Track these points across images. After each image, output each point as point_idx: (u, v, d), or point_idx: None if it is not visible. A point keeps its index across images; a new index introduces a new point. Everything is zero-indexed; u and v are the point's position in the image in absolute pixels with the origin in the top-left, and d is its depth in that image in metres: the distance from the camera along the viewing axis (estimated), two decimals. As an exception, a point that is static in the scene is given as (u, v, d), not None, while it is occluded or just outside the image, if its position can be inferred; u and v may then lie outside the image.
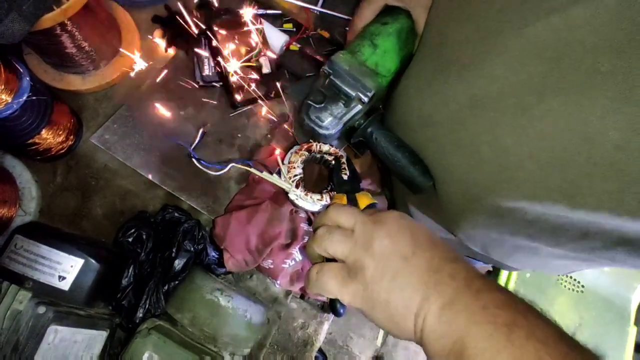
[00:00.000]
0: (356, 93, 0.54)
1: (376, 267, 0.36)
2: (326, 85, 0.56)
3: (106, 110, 0.67)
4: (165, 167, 0.65)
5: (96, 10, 0.60)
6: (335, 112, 0.57)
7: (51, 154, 0.62)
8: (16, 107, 0.52)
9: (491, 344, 0.30)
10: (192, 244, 0.57)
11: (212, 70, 0.71)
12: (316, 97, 0.57)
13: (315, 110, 0.57)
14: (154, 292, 0.53)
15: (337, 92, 0.56)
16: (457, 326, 0.32)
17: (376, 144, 0.58)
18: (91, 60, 0.64)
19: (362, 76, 0.54)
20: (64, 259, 0.48)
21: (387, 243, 0.37)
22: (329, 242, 0.40)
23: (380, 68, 0.58)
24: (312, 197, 0.61)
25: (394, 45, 0.59)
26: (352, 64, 0.55)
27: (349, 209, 0.42)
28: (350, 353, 1.61)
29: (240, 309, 0.54)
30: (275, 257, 0.59)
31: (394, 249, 0.37)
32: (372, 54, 0.57)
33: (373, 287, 0.36)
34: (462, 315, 0.32)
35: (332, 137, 0.59)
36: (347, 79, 0.54)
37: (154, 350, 0.48)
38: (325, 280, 0.39)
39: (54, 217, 0.62)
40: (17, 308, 0.45)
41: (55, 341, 0.45)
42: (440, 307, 0.33)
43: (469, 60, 0.45)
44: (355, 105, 0.56)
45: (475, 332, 0.31)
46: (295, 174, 0.63)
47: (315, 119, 0.57)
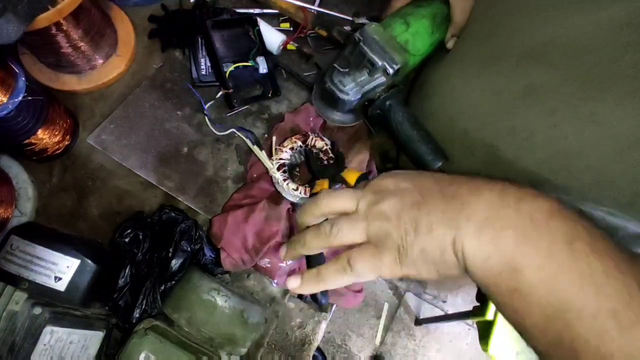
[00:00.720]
0: (382, 63, 0.55)
1: (396, 228, 0.34)
2: (354, 52, 0.57)
3: (102, 110, 0.67)
4: (162, 168, 0.65)
5: (92, 10, 0.60)
6: (358, 79, 0.57)
7: (47, 154, 0.62)
8: (12, 108, 0.52)
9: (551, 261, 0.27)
10: (188, 244, 0.57)
11: (209, 70, 0.71)
12: (342, 62, 0.58)
13: (339, 74, 0.58)
14: (150, 292, 0.53)
15: (364, 59, 0.56)
16: (504, 245, 0.29)
17: (392, 117, 0.57)
18: (87, 60, 0.64)
19: (390, 48, 0.55)
20: (60, 259, 0.48)
21: (394, 201, 0.35)
22: (341, 234, 0.36)
23: (410, 46, 0.58)
24: (288, 185, 0.62)
25: (426, 28, 0.60)
26: (382, 36, 0.55)
27: (340, 192, 0.39)
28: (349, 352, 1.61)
29: (238, 309, 0.54)
30: (272, 256, 0.59)
31: (403, 202, 0.34)
32: (404, 32, 0.58)
33: (404, 248, 0.33)
34: (506, 232, 0.29)
35: (349, 104, 0.60)
36: (375, 48, 0.55)
37: (150, 351, 0.48)
38: (361, 266, 0.35)
39: (51, 218, 0.62)
40: (13, 309, 0.45)
41: (52, 342, 0.45)
42: (476, 228, 0.30)
43: (526, 50, 0.44)
44: (379, 76, 0.57)
45: (530, 251, 0.28)
46: (281, 157, 0.64)
47: (338, 83, 0.58)
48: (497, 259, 0.29)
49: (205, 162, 0.67)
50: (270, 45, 0.72)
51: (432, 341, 1.68)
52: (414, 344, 1.66)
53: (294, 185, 0.63)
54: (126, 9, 0.70)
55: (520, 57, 0.45)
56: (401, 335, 1.67)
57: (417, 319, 1.68)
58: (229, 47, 0.71)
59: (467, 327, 1.71)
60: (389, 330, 1.67)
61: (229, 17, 0.71)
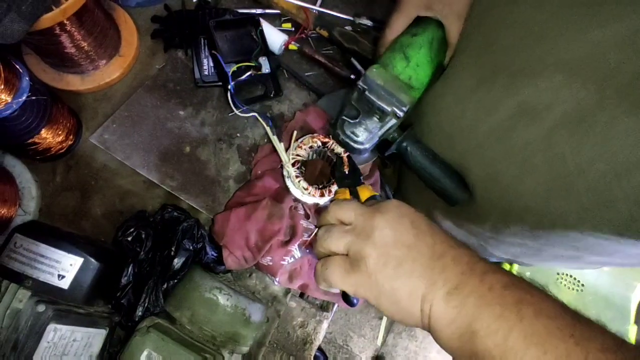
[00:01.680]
0: (392, 108, 0.54)
1: (378, 256, 0.36)
2: (360, 100, 0.56)
3: (105, 110, 0.67)
4: (164, 167, 0.65)
5: (95, 10, 0.60)
6: (370, 127, 0.57)
7: (51, 153, 0.62)
8: (16, 107, 0.52)
9: (502, 324, 0.30)
10: (191, 243, 0.57)
11: (211, 70, 0.71)
12: (350, 112, 0.57)
13: (350, 125, 0.57)
14: (153, 290, 0.53)
15: (372, 107, 0.55)
16: (466, 310, 0.32)
17: (411, 158, 0.58)
18: (90, 60, 0.65)
19: (396, 91, 0.54)
20: (63, 257, 0.48)
21: (388, 232, 0.37)
22: (329, 239, 0.40)
23: (414, 81, 0.57)
24: (300, 183, 0.62)
25: (426, 57, 0.58)
26: (386, 79, 0.54)
27: (347, 203, 0.42)
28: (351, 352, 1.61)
29: (239, 307, 0.54)
30: (274, 254, 0.60)
31: (396, 237, 0.37)
32: (406, 67, 0.57)
33: (377, 276, 0.36)
34: (470, 299, 0.32)
35: (366, 151, 0.60)
36: (381, 94, 0.54)
37: (152, 349, 0.48)
38: (330, 273, 0.39)
39: (54, 217, 0.62)
40: (17, 307, 0.45)
41: (55, 339, 0.45)
42: (447, 293, 0.33)
43: (519, 68, 0.44)
44: (390, 119, 0.56)
45: (485, 314, 0.31)
46: (299, 153, 0.64)
47: (351, 134, 0.57)
48: (459, 322, 0.32)
49: (207, 161, 0.67)
50: (272, 46, 0.72)
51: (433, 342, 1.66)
52: (415, 345, 1.66)
53: (305, 184, 0.62)
54: (129, 9, 0.71)
55: (513, 75, 0.45)
56: (402, 336, 1.67)
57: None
58: (232, 47, 0.71)
59: (469, 328, 1.71)
60: (390, 331, 1.67)
61: (232, 17, 0.72)
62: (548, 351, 0.28)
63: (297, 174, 0.63)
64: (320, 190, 0.63)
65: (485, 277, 0.33)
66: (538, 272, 1.19)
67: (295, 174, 0.63)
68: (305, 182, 0.63)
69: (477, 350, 0.31)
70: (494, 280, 0.33)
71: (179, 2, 0.74)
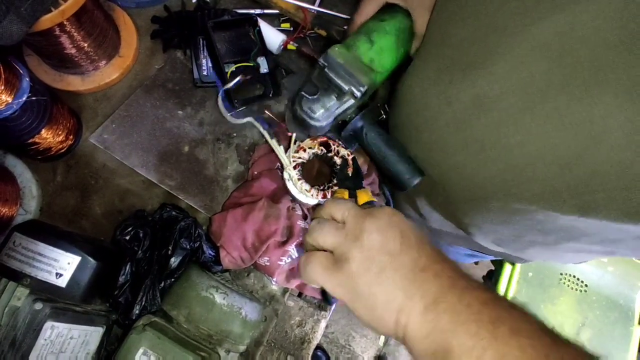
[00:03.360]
0: (349, 87, 0.54)
1: (362, 259, 0.36)
2: (320, 77, 0.56)
3: (105, 110, 0.68)
4: (163, 167, 0.66)
5: (94, 11, 0.61)
6: (328, 105, 0.57)
7: (51, 153, 0.63)
8: (16, 108, 0.53)
9: (476, 342, 0.30)
10: (188, 242, 0.57)
11: (210, 70, 0.71)
12: (309, 89, 0.57)
13: (308, 101, 0.57)
14: (150, 289, 0.54)
15: (330, 84, 0.56)
16: (442, 326, 0.32)
17: (366, 139, 0.58)
18: (90, 60, 0.65)
19: (356, 71, 0.54)
20: (61, 256, 0.49)
21: (376, 237, 0.37)
22: (319, 233, 0.40)
23: (376, 64, 0.57)
24: (302, 186, 0.62)
25: (391, 43, 0.59)
26: (347, 58, 0.55)
27: (343, 202, 0.42)
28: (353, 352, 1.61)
29: (236, 306, 0.54)
30: (272, 255, 0.60)
31: (382, 244, 0.37)
32: (368, 50, 0.57)
33: (357, 280, 0.36)
34: (446, 314, 0.32)
35: (322, 129, 0.60)
36: (341, 73, 0.54)
37: (148, 347, 0.48)
38: (311, 267, 0.39)
39: (54, 216, 0.63)
40: (15, 305, 0.46)
41: (52, 337, 0.46)
42: (424, 307, 0.34)
43: (472, 60, 0.45)
44: (348, 99, 0.56)
45: (461, 331, 0.31)
46: (301, 156, 0.64)
47: (308, 110, 0.57)
48: (434, 337, 0.32)
49: (205, 161, 0.68)
50: (271, 45, 0.73)
51: (436, 342, 1.67)
52: (418, 345, 1.66)
53: (307, 186, 0.62)
54: (129, 10, 0.72)
55: (468, 67, 0.45)
56: (405, 336, 1.67)
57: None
58: (230, 47, 0.72)
59: (472, 329, 1.70)
60: (392, 331, 1.67)
61: (230, 18, 0.72)
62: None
63: (299, 177, 0.63)
64: (323, 192, 0.63)
65: (464, 294, 0.33)
66: (541, 272, 1.19)
67: (297, 176, 0.63)
68: (307, 185, 0.63)
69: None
70: (473, 297, 0.33)
71: (178, 3, 0.75)
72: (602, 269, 1.19)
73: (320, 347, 1.59)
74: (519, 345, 0.29)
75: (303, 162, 0.65)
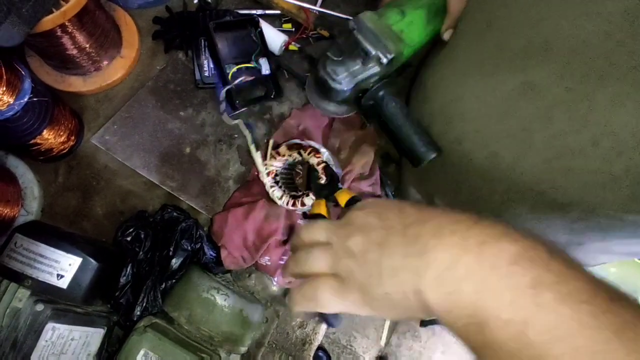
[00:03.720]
0: (376, 52, 0.54)
1: (361, 266, 0.33)
2: (347, 41, 0.56)
3: (107, 111, 0.68)
4: (164, 168, 0.66)
5: (96, 12, 0.61)
6: (352, 68, 0.56)
7: (53, 154, 0.63)
8: (18, 109, 0.53)
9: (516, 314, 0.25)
10: (189, 243, 0.57)
11: (212, 71, 0.71)
12: (335, 52, 0.57)
13: (332, 63, 0.56)
14: (151, 290, 0.54)
15: (357, 48, 0.55)
16: (466, 297, 0.27)
17: (385, 108, 0.57)
18: (92, 61, 0.65)
19: (385, 38, 0.54)
20: (63, 257, 0.49)
21: (360, 239, 0.34)
22: (311, 261, 0.37)
23: (405, 36, 0.57)
24: (273, 192, 0.62)
25: (422, 18, 0.59)
26: (377, 25, 0.54)
27: (317, 224, 0.39)
28: (354, 353, 1.61)
29: (237, 308, 0.54)
30: (272, 254, 0.60)
31: (367, 240, 0.34)
32: (399, 21, 0.57)
33: (368, 288, 0.33)
34: (468, 283, 0.27)
35: (342, 94, 0.59)
36: (369, 37, 0.54)
37: (149, 348, 0.48)
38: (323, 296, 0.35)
39: (56, 217, 0.63)
40: (17, 306, 0.46)
41: (53, 338, 0.46)
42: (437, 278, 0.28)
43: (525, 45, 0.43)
44: (373, 65, 0.56)
45: (492, 300, 0.26)
46: (273, 164, 0.64)
47: (331, 72, 0.56)
48: (460, 312, 0.27)
49: (207, 162, 0.68)
50: (273, 46, 0.73)
51: (437, 343, 1.67)
52: (419, 346, 1.65)
53: (279, 193, 0.62)
54: (130, 11, 0.72)
55: (516, 54, 0.44)
56: (406, 337, 1.66)
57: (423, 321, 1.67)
58: (232, 48, 0.72)
59: (474, 329, 1.70)
60: (394, 332, 1.66)
61: (232, 19, 0.72)
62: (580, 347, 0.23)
63: (272, 184, 0.63)
64: (293, 200, 0.62)
65: (484, 251, 0.27)
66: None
67: (270, 183, 0.63)
68: (279, 191, 0.62)
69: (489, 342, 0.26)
70: (497, 254, 0.27)
71: (180, 4, 0.75)
72: (604, 270, 1.18)
73: (322, 347, 1.59)
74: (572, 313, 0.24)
75: (277, 170, 0.65)
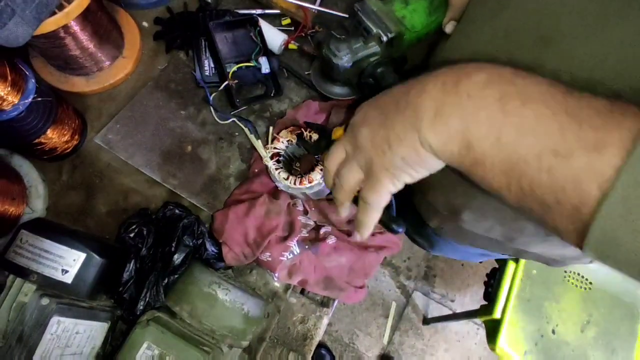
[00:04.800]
0: (377, 30, 0.59)
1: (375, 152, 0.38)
2: (351, 22, 0.61)
3: (109, 110, 0.69)
4: (166, 166, 0.67)
5: (98, 13, 0.62)
6: (354, 47, 0.61)
7: (57, 153, 0.64)
8: (22, 109, 0.54)
9: (490, 127, 0.30)
10: (191, 239, 0.58)
11: (212, 70, 0.72)
12: (339, 30, 0.62)
13: (335, 41, 0.61)
14: (154, 285, 0.55)
15: (360, 27, 0.60)
16: (453, 129, 0.32)
17: (384, 82, 0.62)
18: (95, 62, 0.67)
19: (386, 19, 0.59)
20: (67, 253, 0.50)
21: (365, 131, 0.39)
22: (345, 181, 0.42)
23: (407, 21, 0.61)
24: (279, 174, 0.64)
25: (424, 8, 0.62)
26: (380, 8, 0.60)
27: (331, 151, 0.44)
28: (357, 351, 1.62)
29: (238, 302, 0.55)
30: (273, 250, 0.60)
31: (371, 128, 0.38)
32: (402, 8, 0.61)
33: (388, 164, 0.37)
34: (452, 118, 0.32)
35: (343, 70, 0.63)
36: (372, 17, 0.59)
37: (152, 341, 0.49)
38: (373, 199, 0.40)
39: (60, 215, 0.64)
40: (23, 300, 0.47)
41: (58, 332, 0.47)
42: (431, 123, 0.33)
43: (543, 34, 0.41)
44: (374, 44, 0.61)
45: (471, 123, 0.31)
46: (276, 146, 0.67)
47: (334, 49, 0.61)
48: (452, 142, 0.33)
49: (208, 160, 0.69)
50: (272, 45, 0.73)
51: (440, 340, 1.67)
52: (422, 344, 1.66)
53: (285, 174, 0.64)
54: (132, 11, 0.73)
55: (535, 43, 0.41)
56: (409, 335, 1.67)
57: (425, 318, 1.68)
58: (232, 47, 0.73)
59: (476, 327, 1.69)
60: (396, 330, 1.67)
61: (231, 18, 0.73)
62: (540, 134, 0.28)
63: (277, 166, 0.65)
64: (300, 179, 0.63)
65: (460, 87, 0.32)
66: (545, 270, 1.18)
67: (274, 166, 0.64)
68: (285, 172, 0.64)
69: (477, 157, 0.31)
70: (470, 86, 0.32)
71: (181, 4, 0.76)
72: (606, 266, 1.18)
73: (325, 345, 1.59)
74: (533, 112, 0.28)
75: (280, 152, 0.67)
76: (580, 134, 0.26)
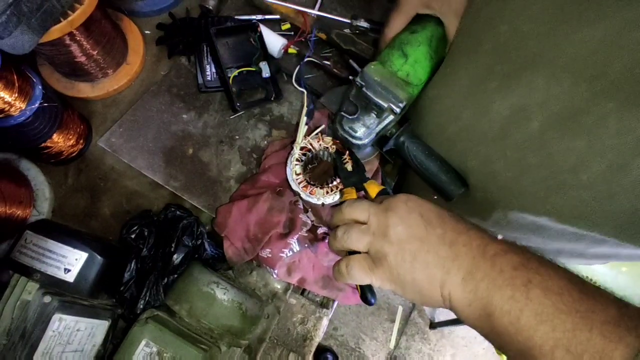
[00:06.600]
0: (388, 104, 0.55)
1: (396, 253, 0.40)
2: (358, 96, 0.58)
3: (114, 115, 0.71)
4: (168, 168, 0.68)
5: (102, 20, 0.64)
6: (368, 123, 0.59)
7: (63, 157, 0.66)
8: (29, 114, 0.56)
9: (513, 305, 0.34)
10: (190, 240, 0.59)
11: (214, 75, 0.74)
12: (349, 109, 0.60)
13: (348, 121, 0.59)
14: (154, 285, 0.56)
15: (369, 103, 0.57)
16: (480, 293, 0.35)
17: (408, 152, 0.60)
18: (100, 68, 0.69)
19: (393, 87, 0.55)
20: (70, 252, 0.51)
21: (401, 229, 0.40)
22: (349, 240, 0.43)
23: (412, 78, 0.58)
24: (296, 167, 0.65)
25: (425, 54, 0.59)
26: (383, 75, 0.56)
27: (360, 204, 0.45)
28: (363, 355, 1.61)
29: (236, 302, 0.56)
30: (273, 247, 0.61)
31: (409, 233, 0.40)
32: (403, 64, 0.58)
33: (398, 271, 0.40)
34: (483, 283, 0.36)
35: (365, 147, 0.62)
36: (378, 91, 0.55)
37: (150, 339, 0.50)
38: (356, 270, 0.42)
39: (66, 217, 0.66)
40: (26, 298, 0.48)
41: (60, 329, 0.48)
42: (462, 279, 0.37)
43: (510, 68, 0.44)
44: (387, 115, 0.58)
45: (498, 296, 0.34)
46: (312, 144, 0.67)
47: (349, 130, 0.59)
48: (476, 305, 0.36)
49: (209, 162, 0.70)
50: (272, 50, 0.75)
51: (447, 345, 1.65)
52: (428, 348, 1.64)
53: (299, 169, 0.65)
54: (135, 19, 0.75)
55: (505, 75, 0.45)
56: (415, 339, 1.65)
57: (432, 323, 1.66)
58: (233, 53, 0.74)
59: (485, 332, 1.68)
60: (403, 334, 1.66)
61: (232, 24, 0.74)
62: (556, 327, 0.31)
63: (299, 159, 0.65)
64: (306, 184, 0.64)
65: (496, 260, 0.36)
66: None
67: (298, 155, 0.65)
68: (299, 168, 0.65)
69: (495, 327, 0.35)
70: (504, 263, 0.36)
71: (183, 10, 0.78)
72: (615, 269, 1.17)
73: (330, 349, 1.59)
74: (552, 303, 0.32)
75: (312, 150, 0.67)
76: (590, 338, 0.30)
